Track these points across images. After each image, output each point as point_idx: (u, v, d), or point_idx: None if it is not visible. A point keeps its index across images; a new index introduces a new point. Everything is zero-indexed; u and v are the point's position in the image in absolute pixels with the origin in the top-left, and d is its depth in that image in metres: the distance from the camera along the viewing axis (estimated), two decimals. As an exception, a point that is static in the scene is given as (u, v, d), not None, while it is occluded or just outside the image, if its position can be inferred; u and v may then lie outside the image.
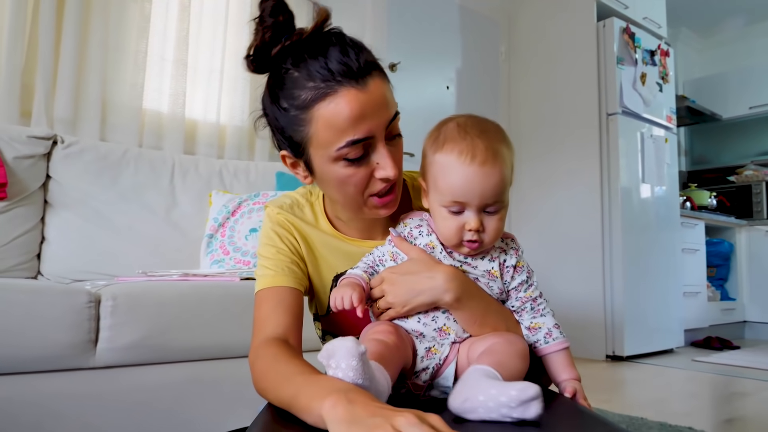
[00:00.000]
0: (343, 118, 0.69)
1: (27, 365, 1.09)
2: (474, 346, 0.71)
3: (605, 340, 3.25)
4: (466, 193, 0.69)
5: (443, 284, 0.70)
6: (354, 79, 0.70)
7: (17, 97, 1.92)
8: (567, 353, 0.76)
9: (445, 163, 0.70)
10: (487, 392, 0.58)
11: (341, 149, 0.71)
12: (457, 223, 0.71)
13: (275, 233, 0.85)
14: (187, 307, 1.27)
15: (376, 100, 0.71)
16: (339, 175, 0.74)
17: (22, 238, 1.62)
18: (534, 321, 0.76)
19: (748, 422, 1.93)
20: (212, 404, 1.29)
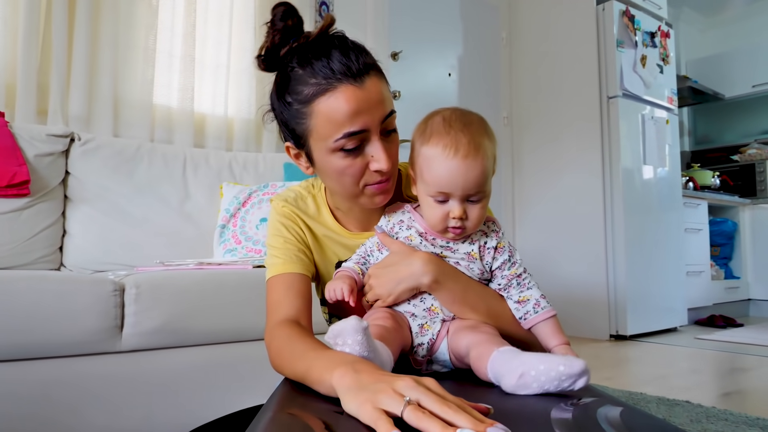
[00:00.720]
0: (341, 113, 0.75)
1: (59, 350, 1.17)
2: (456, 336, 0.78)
3: (609, 320, 3.32)
4: (450, 184, 0.74)
5: (420, 269, 0.77)
6: (353, 78, 0.75)
7: (34, 96, 1.99)
8: (555, 321, 0.81)
9: (431, 156, 0.75)
10: (537, 368, 0.63)
11: (338, 140, 0.77)
12: (442, 211, 0.76)
13: (282, 224, 0.91)
14: (205, 294, 1.35)
15: (373, 97, 0.77)
16: (336, 166, 0.80)
17: (46, 232, 1.71)
18: (522, 295, 0.81)
19: (745, 395, 1.99)
20: (230, 384, 1.37)
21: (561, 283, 3.52)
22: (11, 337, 1.11)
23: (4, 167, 1.61)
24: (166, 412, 1.28)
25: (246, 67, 2.60)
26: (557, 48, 3.63)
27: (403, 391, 0.52)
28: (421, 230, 0.82)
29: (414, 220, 0.84)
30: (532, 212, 3.75)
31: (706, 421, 1.61)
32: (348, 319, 0.62)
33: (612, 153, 3.34)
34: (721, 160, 5.03)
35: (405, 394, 0.52)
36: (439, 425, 0.47)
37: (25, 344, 1.12)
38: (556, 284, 3.54)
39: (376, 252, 0.85)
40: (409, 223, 0.84)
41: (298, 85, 0.78)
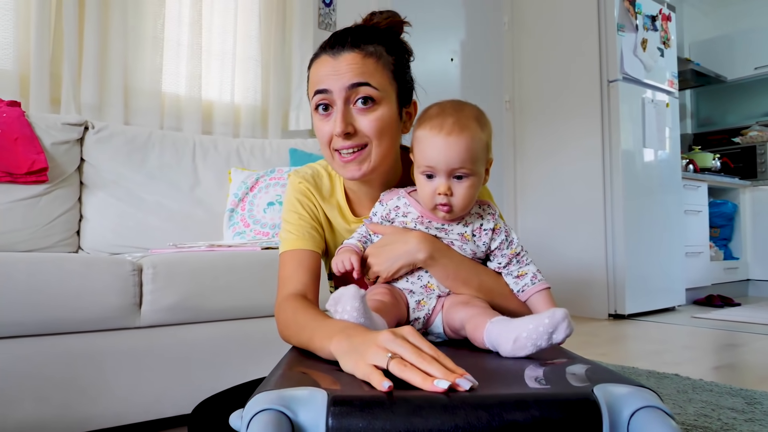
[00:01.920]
0: (315, 75, 0.90)
1: (83, 325, 1.26)
2: (451, 311, 0.85)
3: (607, 300, 3.40)
4: (434, 158, 0.81)
5: (416, 245, 0.84)
6: (331, 49, 0.89)
7: (47, 85, 2.07)
8: (549, 292, 0.88)
9: (421, 135, 0.84)
10: (527, 328, 0.70)
11: (313, 98, 0.90)
12: (430, 187, 0.83)
13: (297, 200, 0.99)
14: (217, 274, 1.43)
15: (342, 67, 0.88)
16: (316, 126, 0.93)
17: (63, 217, 1.79)
18: (521, 270, 0.89)
19: (733, 369, 2.08)
20: (240, 357, 1.46)
21: (562, 264, 3.60)
22: (39, 314, 1.19)
23: (23, 155, 1.69)
24: (182, 382, 1.37)
25: (252, 55, 2.66)
26: (559, 32, 3.67)
27: (385, 344, 0.60)
28: (416, 215, 0.88)
29: (410, 205, 0.90)
30: (534, 194, 3.81)
31: (692, 392, 1.69)
32: (347, 287, 0.70)
33: (612, 136, 3.40)
34: (723, 143, 5.06)
35: (387, 348, 0.60)
36: (420, 376, 0.56)
37: (52, 320, 1.21)
38: (557, 265, 3.61)
39: (373, 237, 0.93)
40: (405, 209, 0.90)
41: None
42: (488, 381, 0.62)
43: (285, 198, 1.02)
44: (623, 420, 0.55)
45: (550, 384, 0.59)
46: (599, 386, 0.57)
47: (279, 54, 2.70)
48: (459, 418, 0.52)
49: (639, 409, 0.55)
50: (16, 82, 2.03)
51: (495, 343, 0.73)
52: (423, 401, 0.54)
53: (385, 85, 0.91)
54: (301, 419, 0.53)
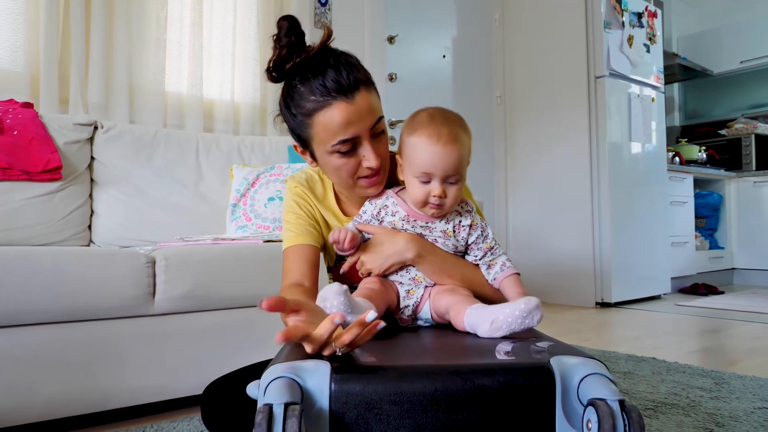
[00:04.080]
0: (335, 124, 0.91)
1: (102, 313, 1.37)
2: (437, 297, 0.96)
3: (595, 289, 3.53)
4: (433, 166, 0.91)
5: (404, 246, 0.95)
6: (344, 95, 0.90)
7: (56, 86, 2.16)
8: (518, 277, 0.98)
9: (417, 143, 0.92)
10: (503, 312, 0.80)
11: (335, 146, 0.93)
12: (425, 190, 0.93)
13: (295, 202, 1.09)
14: (224, 265, 1.54)
15: (362, 110, 0.92)
16: (334, 165, 0.96)
17: (76, 212, 1.90)
18: (492, 260, 0.99)
19: (709, 353, 2.21)
20: (246, 342, 1.57)
21: (551, 254, 3.73)
22: (63, 303, 1.30)
23: (39, 154, 1.79)
24: (193, 365, 1.49)
25: (250, 55, 2.76)
26: (548, 29, 3.77)
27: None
28: (403, 214, 0.98)
29: (397, 204, 0.99)
30: (524, 186, 3.94)
31: (666, 373, 1.82)
32: (331, 285, 0.80)
33: (599, 130, 3.52)
34: (710, 135, 5.19)
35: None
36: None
37: (74, 308, 1.32)
38: (546, 254, 3.74)
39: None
40: (393, 209, 1.00)
41: (300, 101, 0.93)
42: (465, 354, 0.74)
43: (284, 202, 1.12)
44: (573, 385, 0.67)
45: (515, 356, 0.71)
46: (555, 358, 0.68)
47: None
48: (438, 382, 0.64)
49: (587, 376, 0.67)
50: (27, 83, 2.13)
51: (474, 326, 0.85)
52: (409, 369, 0.66)
53: (381, 108, 1.01)
54: (309, 385, 0.64)
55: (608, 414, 0.60)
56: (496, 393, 0.64)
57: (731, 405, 1.48)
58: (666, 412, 1.43)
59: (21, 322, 1.28)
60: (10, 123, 1.79)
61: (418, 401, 0.63)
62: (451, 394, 0.64)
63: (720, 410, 1.44)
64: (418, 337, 0.88)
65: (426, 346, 0.83)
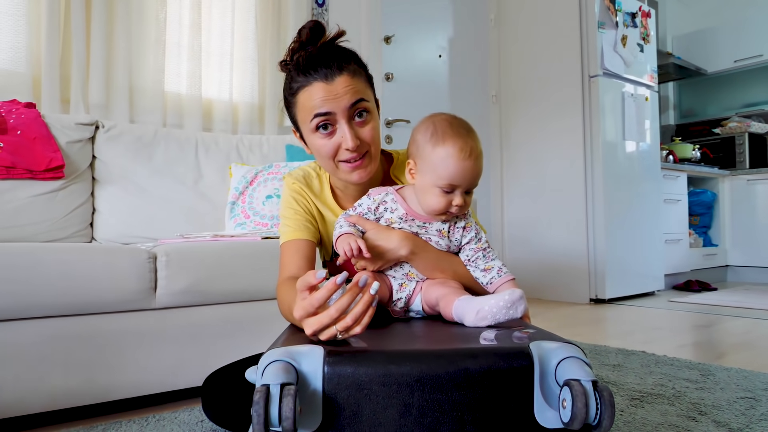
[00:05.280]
0: (312, 101, 0.98)
1: (105, 307, 1.41)
2: (429, 290, 1.01)
3: (589, 285, 3.58)
4: (461, 179, 0.94)
5: (398, 243, 0.99)
6: (324, 77, 0.97)
7: (57, 86, 2.20)
8: (515, 283, 1.01)
9: (447, 156, 0.93)
10: (488, 303, 0.85)
11: (312, 121, 0.99)
12: (447, 199, 0.96)
13: (292, 198, 1.14)
14: (223, 261, 1.59)
15: (339, 89, 0.97)
16: (317, 145, 1.02)
17: (78, 210, 1.94)
18: (487, 264, 1.02)
19: (697, 347, 2.25)
20: (244, 335, 1.61)
21: (545, 251, 3.78)
22: (67, 297, 1.35)
23: (42, 153, 1.83)
24: (193, 357, 1.53)
25: (248, 55, 2.81)
26: (542, 29, 3.82)
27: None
28: (402, 212, 1.02)
29: (396, 202, 1.03)
30: (519, 184, 3.98)
31: (654, 366, 1.87)
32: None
33: (594, 129, 3.56)
34: (704, 133, 5.24)
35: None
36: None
37: (78, 303, 1.36)
38: (540, 251, 3.79)
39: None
40: (392, 206, 1.03)
41: (291, 83, 1.02)
42: (450, 340, 0.79)
43: (282, 197, 1.17)
44: (551, 367, 0.71)
45: (497, 341, 0.76)
46: (534, 342, 0.73)
47: (274, 53, 2.84)
48: (424, 365, 0.69)
49: (564, 359, 0.71)
50: (29, 83, 2.17)
51: (460, 316, 0.89)
52: (397, 353, 0.70)
53: (370, 96, 1.05)
54: (304, 368, 0.69)
55: (581, 393, 0.65)
56: (479, 375, 0.69)
57: (715, 395, 1.53)
58: (652, 401, 1.48)
59: (26, 316, 1.32)
60: (14, 123, 1.83)
61: (406, 383, 0.68)
62: (436, 376, 0.68)
63: (704, 400, 1.49)
64: (408, 327, 0.93)
65: (414, 334, 0.88)
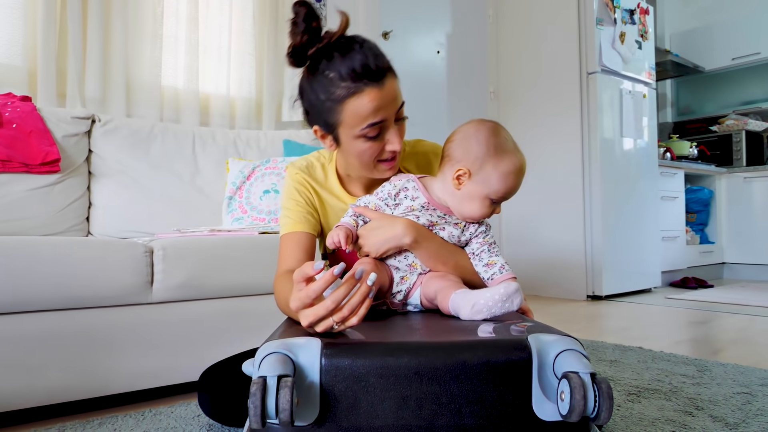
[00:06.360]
0: (366, 109, 0.94)
1: (101, 301, 1.40)
2: (427, 283, 1.01)
3: (585, 282, 3.59)
4: (510, 193, 0.99)
5: (402, 231, 0.98)
6: (375, 81, 0.93)
7: (54, 80, 2.19)
8: (515, 281, 1.01)
9: (507, 172, 0.97)
10: (484, 296, 0.86)
11: (363, 130, 0.96)
12: (492, 209, 1.01)
13: (294, 189, 1.14)
14: (220, 256, 1.58)
15: (390, 96, 0.96)
16: (359, 149, 1.00)
17: (74, 204, 1.93)
18: (491, 259, 1.03)
19: (694, 343, 2.26)
20: (241, 330, 1.61)
21: (542, 247, 3.78)
22: (63, 291, 1.34)
23: (38, 147, 1.82)
24: (189, 352, 1.53)
25: (246, 50, 2.79)
26: (540, 26, 3.81)
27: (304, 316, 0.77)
28: (423, 200, 1.03)
29: (418, 190, 1.04)
30: (517, 182, 3.97)
31: (651, 362, 1.87)
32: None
33: (591, 125, 3.56)
34: (701, 131, 5.24)
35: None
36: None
37: (74, 297, 1.36)
38: (538, 248, 3.79)
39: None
40: (414, 193, 1.04)
41: (330, 87, 0.95)
42: (448, 333, 0.79)
43: (283, 188, 1.16)
44: (549, 359, 0.71)
45: (496, 334, 0.75)
46: (532, 335, 0.73)
47: (272, 48, 2.83)
48: (422, 357, 0.68)
49: (562, 352, 0.71)
50: (25, 77, 2.16)
51: (456, 309, 0.89)
52: (395, 345, 0.70)
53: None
54: (301, 360, 0.68)
55: (580, 385, 0.65)
56: (477, 367, 0.69)
57: (712, 390, 1.53)
58: (648, 396, 1.48)
59: (22, 310, 1.31)
60: (9, 116, 1.82)
61: (403, 374, 0.68)
62: (434, 368, 0.68)
63: (701, 395, 1.49)
64: (405, 319, 0.93)
65: (412, 326, 0.87)
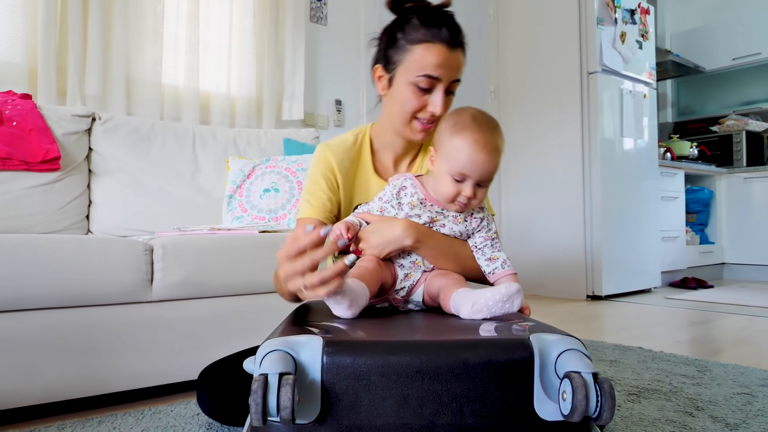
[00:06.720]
0: (429, 60, 1.03)
1: (101, 299, 1.40)
2: (430, 281, 1.00)
3: (585, 282, 3.59)
4: (472, 170, 0.95)
5: (402, 233, 0.98)
6: (448, 45, 1.04)
7: (54, 78, 2.19)
8: (516, 278, 1.02)
9: (462, 145, 0.95)
10: (485, 296, 0.85)
11: (418, 77, 1.05)
12: (456, 188, 0.97)
13: (319, 171, 1.16)
14: (220, 254, 1.58)
15: (454, 63, 1.05)
16: (405, 96, 1.07)
17: (74, 202, 1.93)
18: (493, 254, 1.03)
19: (694, 343, 2.26)
20: (240, 328, 1.60)
21: (542, 247, 3.78)
22: (63, 289, 1.34)
23: (38, 145, 1.82)
24: (189, 351, 1.53)
25: (247, 48, 2.79)
26: (541, 25, 3.81)
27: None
28: (421, 196, 1.03)
29: (416, 187, 1.04)
30: (517, 180, 3.98)
31: (651, 362, 1.87)
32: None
33: (592, 125, 3.56)
34: (701, 131, 5.24)
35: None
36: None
37: (74, 295, 1.35)
38: (537, 248, 3.79)
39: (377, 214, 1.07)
40: (412, 190, 1.04)
41: (411, 30, 1.05)
42: (450, 332, 0.78)
43: (310, 168, 1.19)
44: (551, 359, 0.71)
45: (497, 333, 0.75)
46: (534, 334, 0.73)
47: (272, 47, 2.83)
48: (423, 356, 0.68)
49: (564, 351, 0.71)
50: (25, 74, 2.16)
51: (457, 307, 0.89)
52: (396, 344, 0.69)
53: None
54: (303, 358, 0.68)
55: (582, 385, 0.64)
56: (478, 366, 0.69)
57: (712, 391, 1.53)
58: (648, 397, 1.48)
59: (22, 307, 1.31)
60: (9, 114, 1.82)
61: (405, 373, 0.67)
62: (436, 367, 0.68)
63: (701, 395, 1.49)
64: (407, 317, 0.92)
65: (414, 325, 0.87)
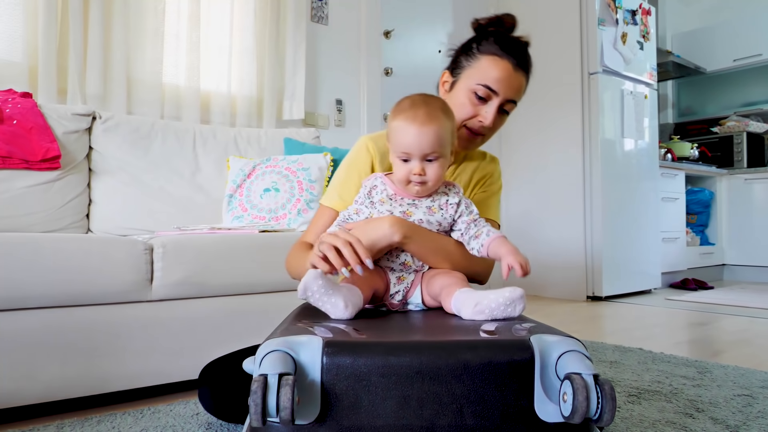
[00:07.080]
0: (491, 73, 1.12)
1: (101, 298, 1.40)
2: (432, 280, 1.00)
3: (586, 283, 3.58)
4: (410, 146, 0.96)
5: (389, 229, 0.97)
6: (513, 63, 1.12)
7: (54, 76, 2.18)
8: (505, 239, 0.98)
9: (397, 125, 0.98)
10: (488, 297, 0.85)
11: (477, 85, 1.12)
12: (406, 169, 0.98)
13: (355, 165, 1.19)
14: (220, 253, 1.57)
15: (514, 83, 1.13)
16: (462, 101, 1.14)
17: (74, 201, 1.92)
18: (476, 231, 1.01)
19: (694, 344, 2.26)
20: (240, 328, 1.60)
21: (542, 248, 3.77)
22: (63, 288, 1.33)
23: (38, 144, 1.81)
24: (188, 350, 1.52)
25: (247, 47, 2.79)
26: (542, 25, 3.80)
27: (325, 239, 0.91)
28: (391, 192, 1.03)
29: (386, 184, 1.05)
30: (518, 181, 3.98)
31: (651, 363, 1.87)
32: (307, 273, 0.84)
33: (592, 126, 3.56)
34: (702, 132, 5.24)
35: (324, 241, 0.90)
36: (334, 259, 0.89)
37: (74, 294, 1.35)
38: (538, 249, 3.79)
39: (353, 215, 1.07)
40: (382, 187, 1.05)
41: (486, 43, 1.14)
42: (450, 332, 0.78)
43: (348, 156, 1.23)
44: (552, 361, 0.71)
45: (498, 334, 0.75)
46: (535, 336, 0.72)
47: (273, 46, 2.83)
48: (424, 356, 0.68)
49: (564, 353, 0.71)
50: (26, 73, 2.15)
51: (459, 307, 0.89)
52: (397, 345, 0.69)
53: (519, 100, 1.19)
54: (302, 358, 0.68)
55: (582, 386, 0.64)
56: (479, 367, 0.68)
57: (712, 392, 1.53)
58: (649, 398, 1.48)
59: (21, 306, 1.30)
60: (10, 112, 1.82)
61: (405, 374, 0.67)
62: (436, 368, 0.68)
63: (701, 397, 1.49)
64: (407, 318, 0.92)
65: (414, 325, 0.87)
